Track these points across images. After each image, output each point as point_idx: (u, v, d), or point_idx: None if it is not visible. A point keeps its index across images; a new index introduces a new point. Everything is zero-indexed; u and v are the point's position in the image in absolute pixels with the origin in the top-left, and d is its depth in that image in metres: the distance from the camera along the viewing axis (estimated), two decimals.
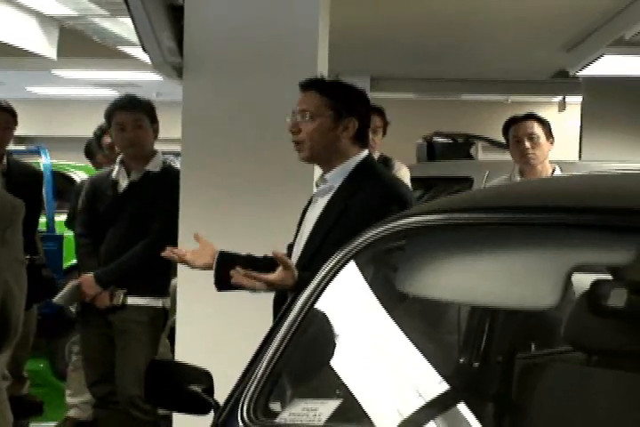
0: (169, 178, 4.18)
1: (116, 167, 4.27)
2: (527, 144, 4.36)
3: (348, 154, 2.99)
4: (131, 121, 4.17)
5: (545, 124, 4.45)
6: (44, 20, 6.26)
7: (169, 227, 4.08)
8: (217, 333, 4.03)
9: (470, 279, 1.97)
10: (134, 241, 4.15)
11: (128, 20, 4.33)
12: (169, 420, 4.16)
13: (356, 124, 2.98)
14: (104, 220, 4.23)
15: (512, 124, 4.48)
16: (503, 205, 2.03)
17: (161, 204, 4.15)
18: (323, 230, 2.89)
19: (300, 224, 3.09)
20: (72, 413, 5.12)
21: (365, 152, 3.03)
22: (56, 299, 4.26)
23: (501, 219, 1.97)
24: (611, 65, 7.09)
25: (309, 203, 3.11)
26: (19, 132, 5.14)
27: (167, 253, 3.17)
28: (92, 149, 5.53)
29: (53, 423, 5.29)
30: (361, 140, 3.02)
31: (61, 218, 6.26)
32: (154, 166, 4.23)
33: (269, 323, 2.33)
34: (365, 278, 2.15)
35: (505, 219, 1.97)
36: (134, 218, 4.16)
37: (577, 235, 1.91)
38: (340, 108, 2.96)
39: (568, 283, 1.85)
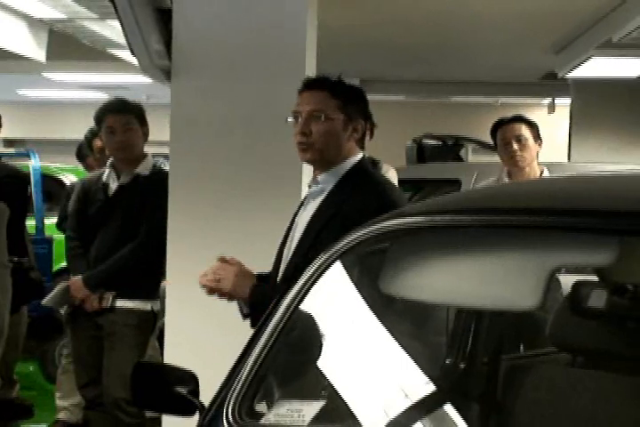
0: (158, 181, 4.19)
1: (107, 170, 4.28)
2: (515, 146, 4.37)
3: (348, 156, 2.94)
4: (121, 124, 4.18)
5: (532, 126, 4.46)
6: (34, 23, 6.27)
7: (157, 230, 4.09)
8: (206, 335, 4.04)
9: (453, 281, 1.98)
10: (123, 244, 4.16)
11: (117, 23, 4.34)
12: (158, 422, 4.17)
13: (364, 127, 2.95)
14: (94, 222, 4.23)
15: (499, 126, 4.48)
16: (486, 207, 2.04)
17: (150, 207, 4.16)
18: (313, 233, 2.85)
19: (290, 227, 3.04)
20: (62, 415, 5.12)
21: (360, 155, 2.98)
22: (45, 301, 4.27)
23: (484, 221, 1.98)
24: (599, 67, 7.12)
25: (301, 205, 3.06)
26: (9, 134, 5.14)
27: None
28: (84, 152, 5.53)
29: (43, 426, 5.29)
30: (362, 141, 3.02)
31: (51, 221, 6.26)
32: (143, 169, 4.24)
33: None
34: (350, 280, 2.16)
35: (488, 221, 1.98)
36: (124, 221, 4.17)
37: (559, 237, 1.92)
38: (351, 110, 2.91)
39: (550, 284, 1.87)
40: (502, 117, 4.57)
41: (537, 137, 4.43)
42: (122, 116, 4.19)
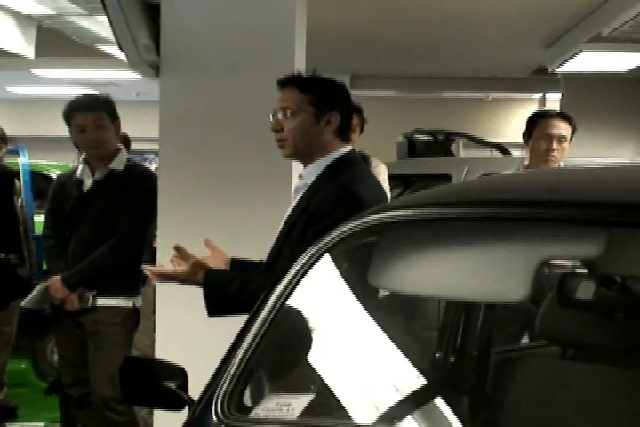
0: (133, 176, 4.12)
1: (80, 166, 4.18)
2: (554, 145, 4.19)
3: (330, 149, 2.95)
4: (91, 122, 4.05)
5: (572, 125, 4.27)
6: (22, 19, 6.24)
7: (135, 226, 4.05)
8: (195, 330, 4.03)
9: (441, 274, 1.98)
10: (101, 241, 4.06)
11: (106, 19, 4.33)
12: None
13: (338, 118, 2.95)
14: (70, 220, 4.14)
15: (541, 118, 4.29)
16: (473, 199, 2.04)
17: (126, 203, 4.07)
18: (287, 229, 2.89)
19: None
20: None
21: (346, 149, 2.98)
22: (24, 302, 4.18)
23: (472, 213, 1.98)
24: (589, 61, 7.14)
25: None
26: None
27: (147, 271, 3.08)
28: None
29: (33, 424, 5.27)
30: (343, 133, 2.99)
31: (41, 218, 6.23)
32: (117, 164, 4.13)
33: None
34: (339, 273, 2.16)
35: (475, 213, 1.98)
36: (100, 217, 4.08)
37: (546, 229, 1.92)
38: (321, 103, 2.94)
39: (538, 276, 1.86)
40: (546, 110, 4.36)
41: (571, 137, 4.26)
42: (91, 114, 4.06)
